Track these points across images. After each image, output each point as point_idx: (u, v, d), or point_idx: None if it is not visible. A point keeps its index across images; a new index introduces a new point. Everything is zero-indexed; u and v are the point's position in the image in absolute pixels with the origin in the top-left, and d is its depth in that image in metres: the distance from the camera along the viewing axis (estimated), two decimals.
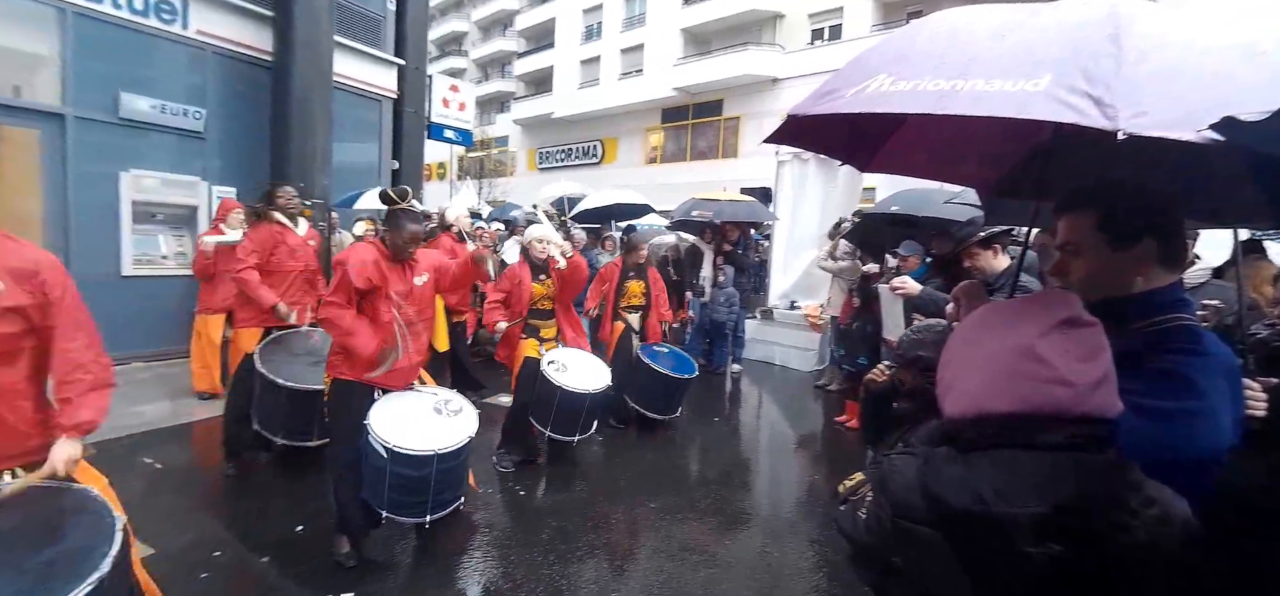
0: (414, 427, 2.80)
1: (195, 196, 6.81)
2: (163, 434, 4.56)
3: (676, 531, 3.54)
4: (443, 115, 10.26)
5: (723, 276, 7.34)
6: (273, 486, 3.81)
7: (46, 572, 1.44)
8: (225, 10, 6.98)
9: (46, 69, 6.08)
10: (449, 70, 34.21)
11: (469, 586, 2.96)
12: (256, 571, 2.89)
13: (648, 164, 25.43)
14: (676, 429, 5.31)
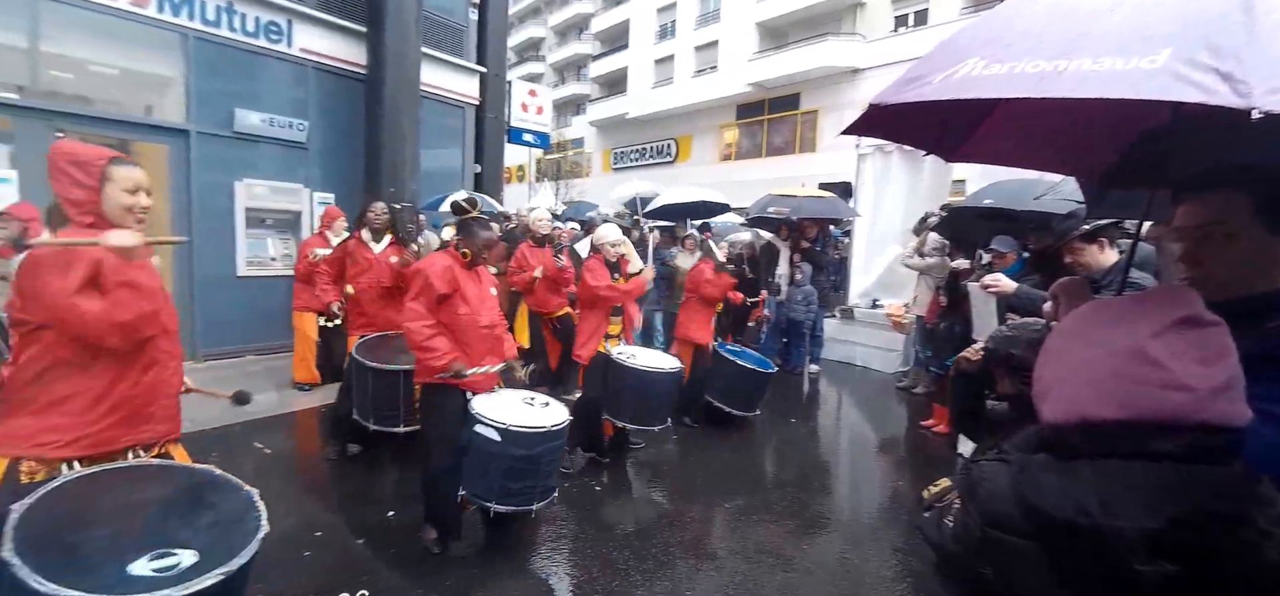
0: (518, 412, 2.92)
1: (299, 202, 7.36)
2: (271, 421, 4.97)
3: (752, 532, 3.49)
4: (522, 119, 10.58)
5: (800, 274, 7.17)
6: (369, 473, 4.07)
7: (215, 531, 1.64)
8: (324, 28, 7.49)
9: (173, 90, 6.74)
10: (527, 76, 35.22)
11: (547, 579, 3.04)
12: (354, 552, 3.09)
13: (722, 161, 25.18)
14: (752, 429, 5.24)
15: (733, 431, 5.12)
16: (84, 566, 1.45)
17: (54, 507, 1.59)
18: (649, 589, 2.91)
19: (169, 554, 1.53)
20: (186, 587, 1.44)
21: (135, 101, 6.90)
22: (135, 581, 1.45)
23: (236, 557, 1.55)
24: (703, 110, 25.51)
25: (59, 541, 1.50)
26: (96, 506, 1.66)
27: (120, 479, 1.79)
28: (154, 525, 1.65)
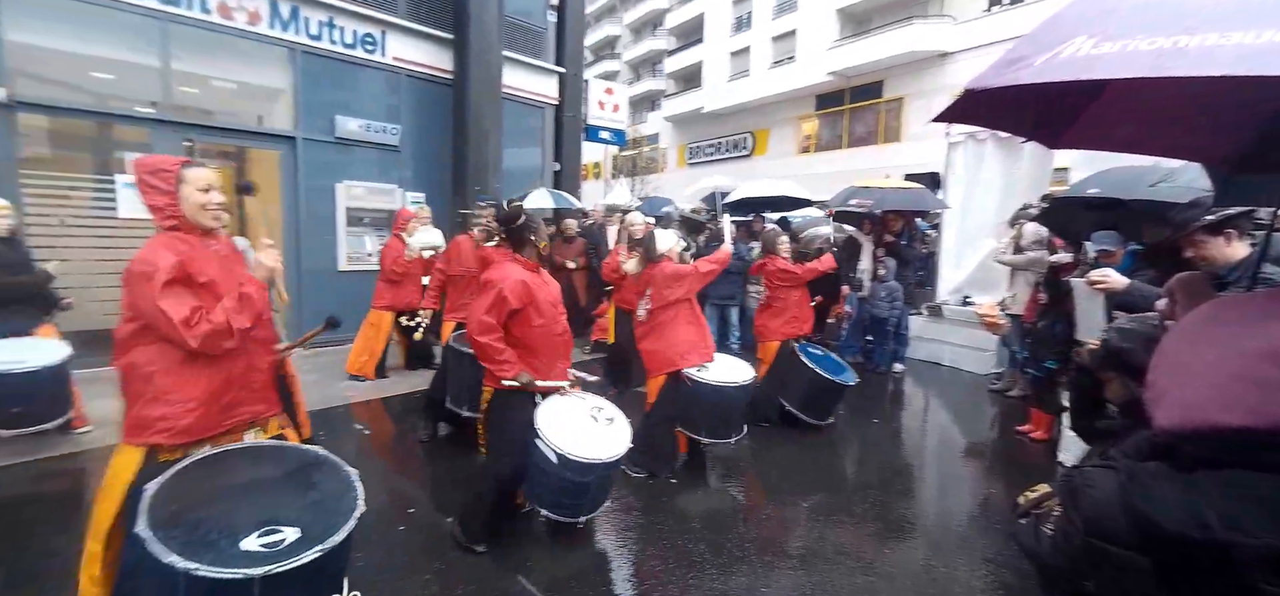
0: (578, 434, 2.90)
1: (392, 202, 7.82)
2: (370, 405, 5.35)
3: (831, 534, 3.41)
4: (598, 117, 10.75)
5: (883, 270, 6.90)
6: (457, 457, 4.28)
7: (318, 509, 1.82)
8: (414, 37, 7.90)
9: (282, 100, 7.32)
10: (603, 74, 35.68)
11: (621, 565, 3.10)
12: (442, 530, 3.26)
13: (801, 153, 24.56)
14: (833, 429, 5.11)
15: (811, 430, 5.01)
16: (203, 541, 1.63)
17: (181, 487, 1.79)
18: (724, 581, 2.90)
19: (275, 530, 1.70)
20: (290, 562, 1.61)
21: (250, 112, 7.55)
22: (246, 556, 1.62)
23: (334, 535, 1.71)
24: (780, 102, 24.98)
25: (184, 519, 1.69)
26: (217, 485, 1.86)
27: (240, 459, 1.99)
28: (264, 503, 1.82)
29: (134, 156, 6.35)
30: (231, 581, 1.56)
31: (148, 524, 1.62)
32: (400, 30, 7.76)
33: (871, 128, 22.06)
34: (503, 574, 2.91)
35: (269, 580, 1.59)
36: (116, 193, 6.08)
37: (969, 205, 7.68)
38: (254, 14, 6.65)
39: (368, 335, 5.97)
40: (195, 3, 6.27)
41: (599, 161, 30.34)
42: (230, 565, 1.58)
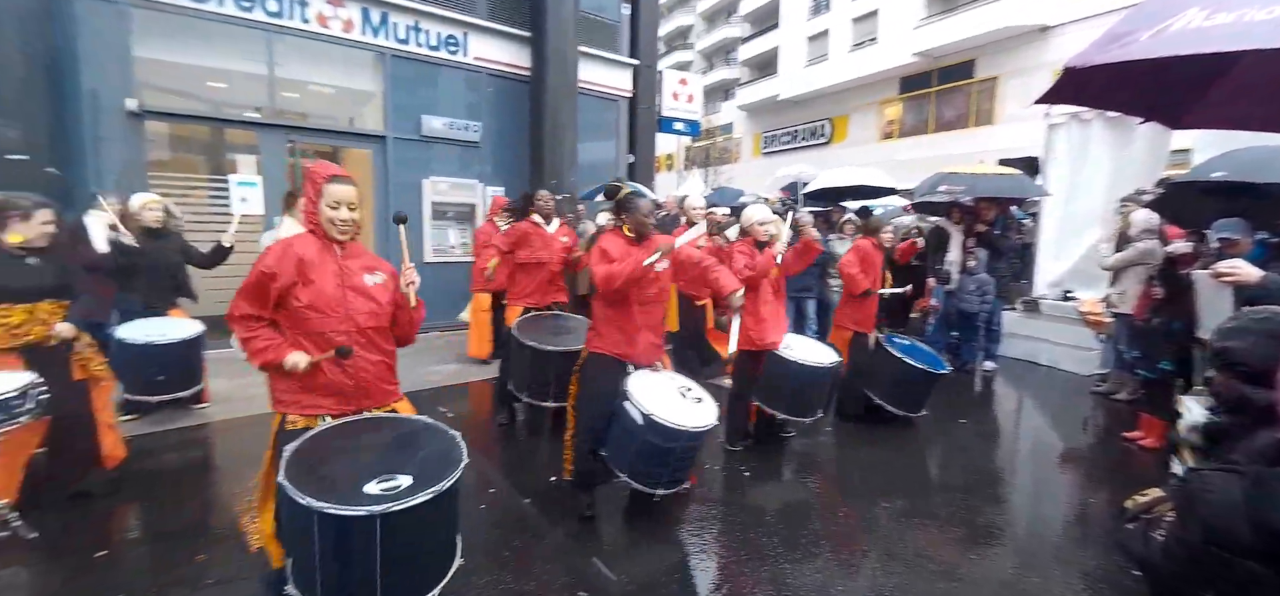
0: (667, 403, 2.99)
1: (474, 196, 8.15)
2: (452, 389, 5.61)
3: (911, 536, 3.28)
4: (672, 108, 10.74)
5: (973, 261, 6.52)
6: (533, 441, 4.46)
7: (427, 460, 2.05)
8: (494, 36, 8.16)
9: (373, 102, 7.76)
10: (676, 64, 35.57)
11: (694, 553, 3.11)
12: (521, 510, 3.41)
13: (883, 140, 23.54)
14: (916, 428, 4.90)
15: (893, 428, 4.83)
16: (330, 487, 1.88)
17: (313, 448, 2.08)
18: (796, 576, 2.85)
19: (391, 478, 1.93)
20: (408, 501, 1.84)
21: (344, 114, 8.04)
22: (368, 498, 1.85)
23: (444, 480, 1.94)
24: (861, 86, 24.01)
25: (315, 472, 1.95)
26: (341, 447, 2.14)
27: (360, 427, 2.26)
28: (381, 458, 2.07)
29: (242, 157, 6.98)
30: (356, 518, 1.79)
31: (285, 475, 1.89)
32: (481, 30, 8.04)
33: (961, 110, 20.84)
34: (578, 553, 2.99)
35: (388, 518, 1.81)
36: (229, 191, 6.63)
37: (1072, 191, 7.13)
38: (348, 22, 7.07)
39: (474, 320, 6.36)
40: (297, 14, 6.74)
41: (672, 153, 30.36)
42: (357, 503, 1.81)
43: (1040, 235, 7.47)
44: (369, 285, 2.33)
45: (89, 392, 3.36)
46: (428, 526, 1.98)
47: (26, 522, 2.92)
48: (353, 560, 1.87)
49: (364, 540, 1.83)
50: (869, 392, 4.84)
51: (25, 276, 3.03)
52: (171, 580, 2.70)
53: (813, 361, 3.98)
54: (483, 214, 8.05)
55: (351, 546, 1.85)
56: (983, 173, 7.00)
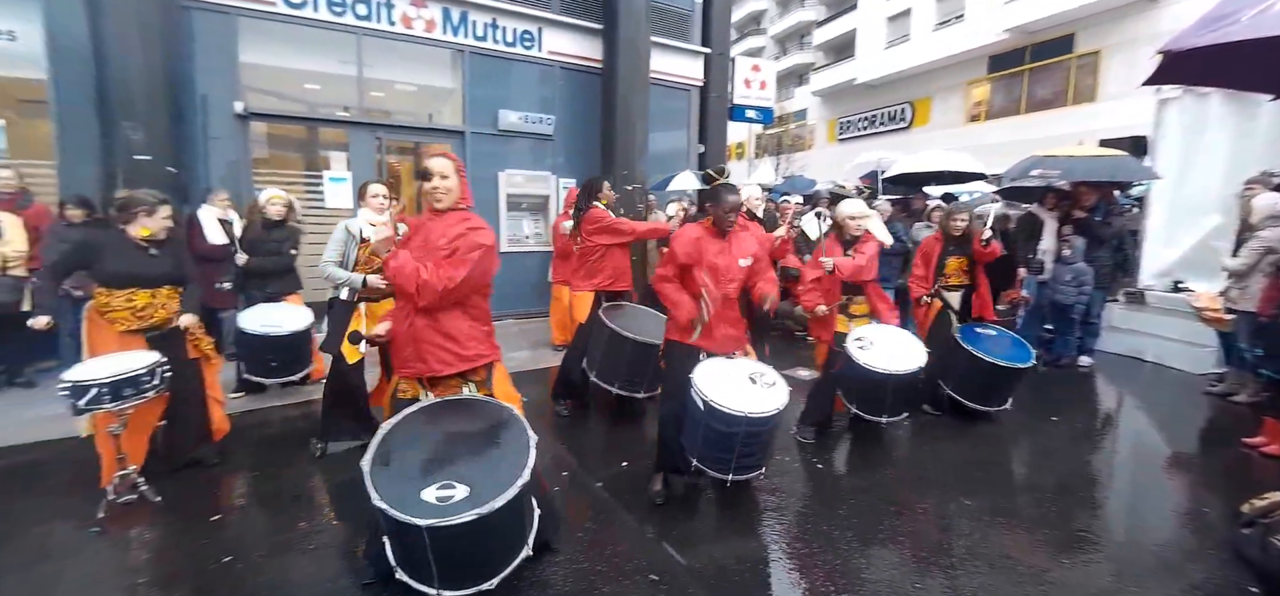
0: (730, 390, 3.00)
1: (547, 188, 8.33)
2: (527, 375, 5.79)
3: (995, 537, 3.12)
4: (744, 96, 10.56)
5: (1069, 250, 6.09)
6: (604, 428, 4.56)
7: (494, 466, 2.15)
8: (567, 30, 8.29)
9: (452, 99, 8.06)
10: (748, 51, 34.91)
11: (767, 543, 3.07)
12: (593, 493, 3.51)
13: (969, 122, 22.25)
14: (1003, 424, 4.66)
15: (977, 424, 4.61)
16: (396, 481, 2.04)
17: (400, 431, 2.26)
18: (871, 571, 2.78)
19: (450, 486, 2.05)
20: (451, 519, 1.95)
21: (425, 110, 8.39)
22: (422, 505, 1.99)
23: (493, 502, 2.00)
24: (946, 67, 22.77)
25: (392, 459, 2.13)
26: (424, 433, 2.29)
27: (451, 410, 2.43)
28: (451, 455, 2.18)
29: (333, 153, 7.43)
30: (407, 525, 1.94)
31: (369, 459, 2.08)
32: (555, 25, 8.19)
33: (1057, 88, 19.38)
34: (649, 537, 3.04)
35: (434, 531, 1.94)
36: (323, 186, 7.09)
37: (1185, 173, 6.52)
38: (430, 21, 7.37)
39: (553, 308, 6.62)
40: (383, 16, 7.08)
41: (742, 142, 29.90)
42: (411, 510, 1.95)
43: (1148, 221, 6.87)
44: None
45: (201, 370, 3.69)
46: (479, 535, 2.06)
47: (151, 487, 3.25)
48: (411, 549, 2.05)
49: (416, 539, 1.99)
50: (943, 383, 4.64)
51: (150, 265, 3.36)
52: (277, 544, 2.94)
53: (876, 367, 3.83)
54: (555, 206, 8.22)
55: (407, 540, 2.03)
56: (1082, 154, 6.50)
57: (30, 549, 2.87)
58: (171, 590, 2.61)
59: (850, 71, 27.60)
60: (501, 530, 2.14)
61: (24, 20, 5.63)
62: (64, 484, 3.50)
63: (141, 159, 5.43)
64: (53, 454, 3.87)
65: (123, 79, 5.39)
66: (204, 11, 6.26)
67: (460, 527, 1.95)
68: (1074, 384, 5.99)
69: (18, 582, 2.62)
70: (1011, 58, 20.69)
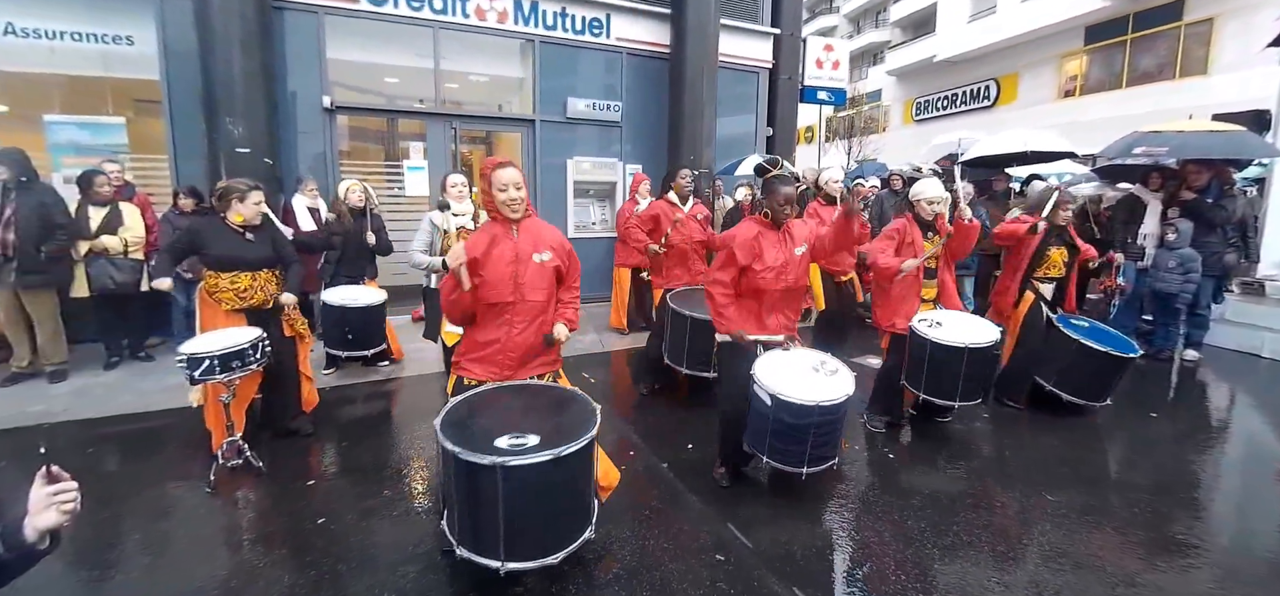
0: (795, 381, 2.95)
1: (614, 174, 8.40)
2: (593, 358, 5.92)
3: (1084, 537, 2.95)
4: (816, 77, 10.26)
5: (1173, 234, 5.62)
6: (671, 410, 4.60)
7: (562, 427, 2.25)
8: (635, 15, 8.29)
9: (522, 88, 8.23)
10: (819, 31, 33.82)
11: (835, 531, 3.03)
12: (659, 473, 3.56)
13: (1062, 98, 20.75)
14: (1093, 420, 4.40)
15: (1064, 418, 4.36)
16: (469, 438, 2.14)
17: (470, 404, 2.39)
18: (946, 565, 2.70)
19: (521, 436, 2.15)
20: (526, 458, 2.05)
21: (497, 100, 8.62)
22: (496, 451, 2.08)
23: (568, 445, 2.11)
24: (1036, 40, 21.26)
25: (460, 423, 2.24)
26: (494, 405, 2.41)
27: (515, 390, 2.55)
28: (521, 419, 2.29)
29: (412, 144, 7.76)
30: (481, 465, 2.04)
31: (440, 423, 2.21)
32: (623, 11, 8.21)
33: (1163, 59, 17.76)
34: (716, 519, 3.06)
35: (508, 470, 2.03)
36: (403, 175, 7.43)
37: None
38: (502, 13, 7.55)
39: (615, 292, 6.73)
40: (458, 9, 7.31)
41: (812, 126, 29.04)
42: (484, 453, 2.06)
43: (1269, 204, 6.23)
44: (537, 262, 2.60)
45: (297, 348, 3.98)
46: (551, 488, 2.13)
47: (254, 453, 3.54)
48: (480, 505, 2.11)
49: (489, 488, 2.05)
50: (1039, 377, 4.40)
51: (247, 249, 3.63)
52: (364, 509, 3.15)
53: (949, 341, 3.67)
54: (622, 192, 8.29)
55: (479, 491, 2.09)
56: (1192, 130, 5.95)
57: (151, 507, 3.19)
58: (274, 547, 2.84)
59: (929, 48, 26.25)
60: (568, 494, 2.21)
61: (140, 27, 6.16)
62: (178, 449, 3.87)
63: (242, 151, 5.86)
64: (169, 422, 4.27)
65: (225, 78, 5.81)
66: (294, 11, 6.65)
67: (533, 470, 2.03)
68: (1177, 379, 5.54)
69: (142, 538, 2.92)
70: (1112, 27, 19.09)
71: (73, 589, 2.54)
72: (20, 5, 5.82)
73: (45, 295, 4.91)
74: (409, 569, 2.64)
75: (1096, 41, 19.68)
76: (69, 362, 5.09)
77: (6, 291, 4.79)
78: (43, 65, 6.07)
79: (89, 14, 6.02)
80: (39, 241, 4.71)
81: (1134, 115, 13.37)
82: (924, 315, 3.90)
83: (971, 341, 3.66)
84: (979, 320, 3.96)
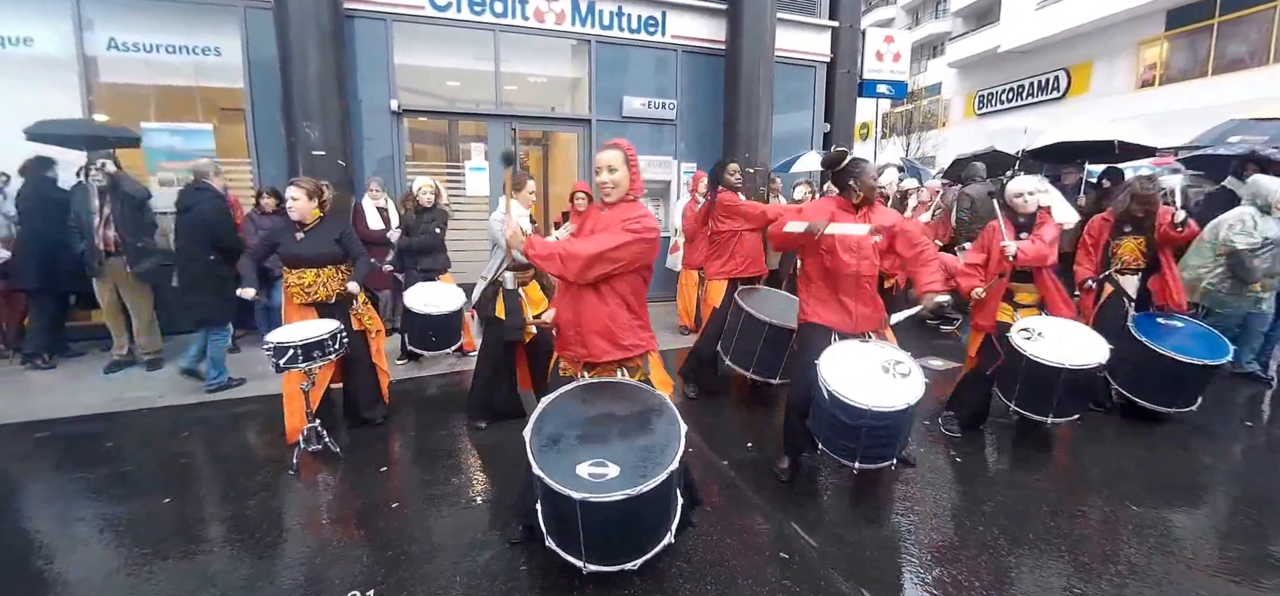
0: (859, 380, 2.87)
1: (669, 173, 8.42)
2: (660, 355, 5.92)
3: (1170, 550, 2.79)
4: (875, 70, 10.01)
5: None
6: (733, 411, 4.61)
7: (646, 452, 2.21)
8: (690, 12, 8.29)
9: (579, 89, 8.35)
10: (875, 23, 32.91)
11: (902, 532, 2.96)
12: (720, 470, 3.58)
13: (1140, 88, 19.55)
14: (1183, 427, 4.15)
15: (1152, 425, 4.14)
16: (554, 452, 2.17)
17: (560, 405, 2.41)
18: (1023, 573, 2.60)
19: (602, 463, 2.14)
20: (601, 496, 2.04)
21: (555, 101, 8.76)
22: (576, 479, 2.09)
23: (643, 484, 2.07)
24: (1111, 26, 20.10)
25: (549, 432, 2.28)
26: (580, 412, 2.41)
27: (606, 391, 2.52)
28: (605, 434, 2.29)
29: (473, 145, 7.97)
30: (562, 496, 2.06)
31: (531, 429, 2.25)
32: (678, 8, 8.22)
33: (1255, 45, 16.49)
34: (779, 517, 3.04)
35: (585, 505, 2.05)
36: (465, 176, 7.65)
37: None
38: (560, 14, 7.68)
39: (680, 292, 6.76)
40: (518, 11, 7.48)
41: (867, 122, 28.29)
42: (566, 483, 2.07)
43: None
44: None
45: (367, 341, 4.15)
46: (626, 516, 2.13)
47: (333, 439, 3.72)
48: (563, 519, 2.20)
49: (568, 511, 2.11)
50: (1111, 381, 4.18)
51: (301, 246, 3.80)
52: (433, 496, 3.28)
53: (1045, 359, 3.50)
54: (677, 191, 8.30)
55: (560, 510, 2.16)
56: None
57: (241, 488, 3.39)
58: (351, 527, 2.99)
59: (993, 38, 25.18)
60: (647, 514, 2.21)
61: (227, 39, 6.56)
62: (263, 433, 4.11)
63: (318, 154, 6.16)
64: (253, 408, 4.55)
65: (302, 85, 6.13)
66: (364, 19, 6.94)
67: (610, 506, 2.05)
68: (1276, 385, 5.15)
69: (233, 516, 3.12)
70: (1196, 10, 17.87)
71: (176, 561, 2.72)
72: (122, 22, 6.28)
73: (141, 287, 5.29)
74: (479, 554, 2.73)
75: (1179, 26, 18.44)
76: (164, 352, 5.47)
77: (107, 284, 5.18)
78: (140, 77, 6.55)
79: (182, 28, 6.45)
80: (135, 238, 5.08)
81: (1221, 105, 12.48)
82: (1024, 323, 3.73)
83: (1071, 361, 3.47)
84: (1087, 333, 3.74)
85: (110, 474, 3.55)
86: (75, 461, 3.70)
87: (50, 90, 6.07)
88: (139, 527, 2.98)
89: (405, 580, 2.55)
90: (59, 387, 4.95)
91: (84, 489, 3.37)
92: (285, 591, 2.50)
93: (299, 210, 3.77)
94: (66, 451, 3.86)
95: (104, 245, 5.04)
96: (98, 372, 5.26)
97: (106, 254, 5.05)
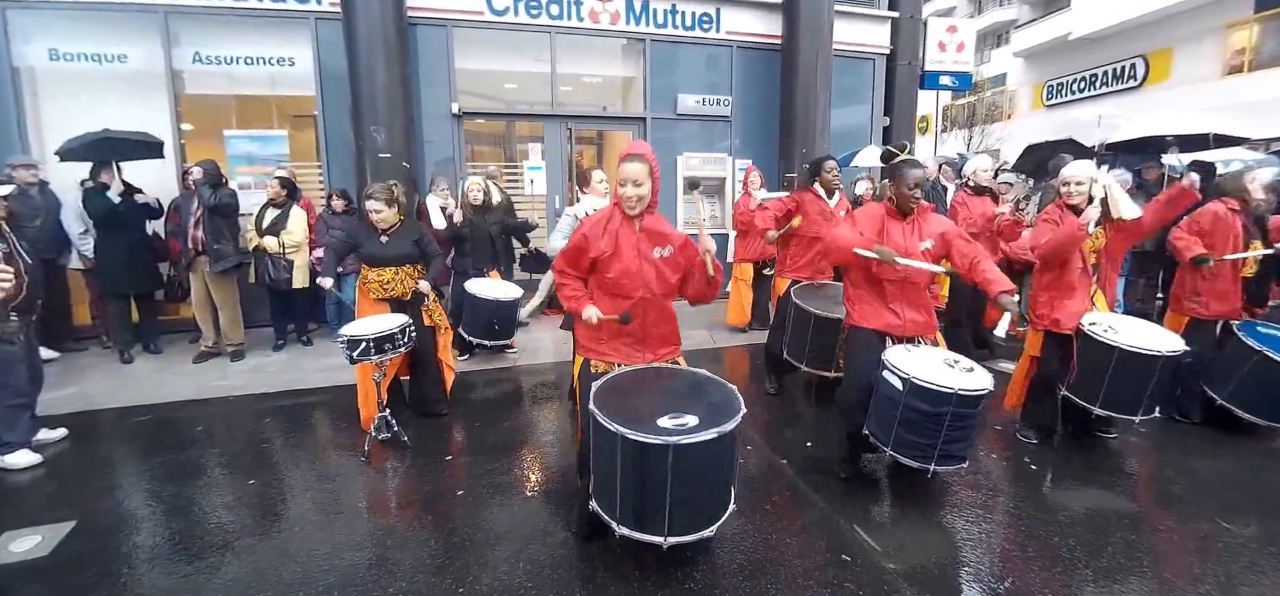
0: (932, 369, 2.84)
1: (723, 169, 8.39)
2: (704, 354, 5.96)
3: (1269, 572, 2.61)
4: (938, 61, 9.68)
5: None
6: (790, 407, 4.57)
7: (712, 407, 2.32)
8: (745, 8, 8.22)
9: (634, 87, 8.39)
10: (936, 12, 31.75)
11: (969, 547, 2.87)
12: (779, 468, 3.56)
13: (1228, 75, 18.21)
14: (1274, 439, 3.86)
15: (1242, 437, 3.88)
16: (633, 418, 2.20)
17: (615, 387, 2.46)
18: (1101, 589, 2.48)
19: (680, 416, 2.21)
20: (696, 437, 2.12)
21: (609, 100, 8.84)
22: (662, 431, 2.14)
23: (727, 423, 2.18)
24: (1194, 9, 18.78)
25: (622, 402, 2.32)
26: (636, 388, 2.49)
27: (652, 373, 2.62)
28: (672, 400, 2.37)
29: (530, 145, 8.13)
30: (653, 446, 2.11)
31: (595, 403, 2.28)
32: (733, 4, 8.16)
33: None
34: (840, 519, 3.00)
35: (680, 448, 2.10)
36: (523, 175, 7.81)
37: None
38: (615, 14, 7.75)
39: (734, 288, 6.73)
40: (573, 13, 7.58)
41: (927, 115, 27.35)
42: (654, 434, 2.13)
43: None
44: (657, 258, 2.62)
45: (435, 336, 4.31)
46: (711, 464, 2.21)
47: (401, 429, 3.88)
48: (648, 483, 2.17)
49: (659, 466, 2.12)
50: (1212, 391, 3.93)
51: (384, 249, 3.98)
52: (497, 486, 3.38)
53: (1140, 348, 3.31)
54: (731, 187, 8.25)
55: (648, 470, 2.15)
56: None
57: (315, 472, 3.59)
58: (420, 512, 3.11)
59: (1063, 25, 23.88)
60: (725, 465, 2.30)
61: (300, 49, 6.90)
62: (336, 421, 4.32)
63: (384, 156, 6.41)
64: (327, 397, 4.79)
65: (369, 91, 6.39)
66: (426, 26, 7.18)
67: (701, 448, 2.11)
68: None
69: (310, 498, 3.30)
70: None
71: (257, 538, 2.90)
72: (205, 36, 6.69)
73: (227, 283, 5.64)
74: (541, 542, 2.80)
75: (1271, 7, 17.07)
76: (246, 344, 5.81)
77: (198, 280, 5.55)
78: (222, 88, 6.96)
79: (259, 40, 6.82)
80: (222, 237, 5.43)
81: None
82: (1092, 317, 3.55)
83: (1167, 348, 3.31)
84: (1149, 325, 3.59)
85: (201, 455, 3.81)
86: (170, 443, 3.99)
87: (140, 104, 6.51)
88: (228, 506, 3.19)
89: (470, 565, 2.65)
90: (153, 376, 5.33)
91: (178, 468, 3.63)
92: (359, 569, 2.63)
93: (383, 220, 3.96)
94: (162, 434, 4.16)
95: (193, 245, 5.41)
96: (187, 362, 5.64)
97: (196, 253, 5.43)
